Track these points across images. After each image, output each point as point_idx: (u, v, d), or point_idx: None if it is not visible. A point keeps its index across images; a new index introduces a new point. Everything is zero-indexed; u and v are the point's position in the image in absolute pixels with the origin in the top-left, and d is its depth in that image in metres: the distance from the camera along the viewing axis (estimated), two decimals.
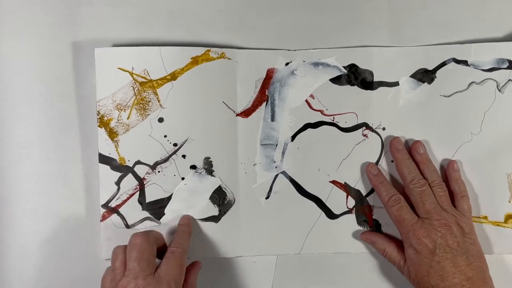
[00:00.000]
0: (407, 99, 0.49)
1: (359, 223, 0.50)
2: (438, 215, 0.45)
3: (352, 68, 0.49)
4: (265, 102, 0.49)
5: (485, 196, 0.49)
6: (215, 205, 0.49)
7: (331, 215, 0.50)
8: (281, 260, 0.50)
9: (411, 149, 0.49)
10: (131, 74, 0.48)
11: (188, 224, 0.48)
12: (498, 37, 0.49)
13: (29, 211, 0.49)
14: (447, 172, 0.49)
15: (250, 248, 0.50)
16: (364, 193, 0.50)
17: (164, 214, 0.49)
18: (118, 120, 0.48)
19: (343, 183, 0.50)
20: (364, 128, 0.49)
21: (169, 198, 0.49)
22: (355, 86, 0.49)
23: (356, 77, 0.49)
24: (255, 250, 0.50)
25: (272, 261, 0.50)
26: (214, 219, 0.49)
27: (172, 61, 0.48)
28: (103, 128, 0.48)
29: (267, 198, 0.50)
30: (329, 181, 0.50)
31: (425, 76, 0.49)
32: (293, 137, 0.49)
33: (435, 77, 0.49)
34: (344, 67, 0.49)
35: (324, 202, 0.50)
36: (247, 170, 0.50)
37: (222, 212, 0.49)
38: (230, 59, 0.49)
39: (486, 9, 0.49)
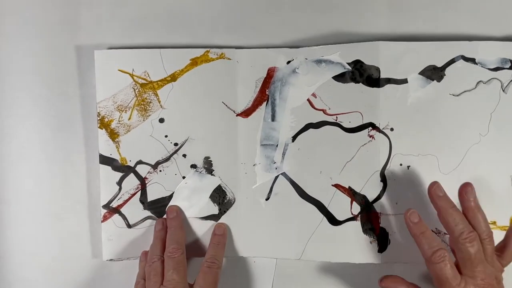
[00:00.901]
0: (416, 97, 0.46)
1: (364, 231, 0.47)
2: (483, 274, 0.40)
3: (357, 65, 0.46)
4: (265, 102, 0.48)
5: (493, 200, 0.46)
6: (215, 204, 0.49)
7: (333, 221, 0.47)
8: (281, 261, 0.49)
9: (459, 194, 0.43)
10: (132, 75, 0.48)
11: (224, 234, 0.48)
12: (498, 37, 0.47)
13: (29, 211, 0.50)
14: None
15: (249, 249, 0.49)
16: (370, 199, 0.47)
17: (165, 212, 0.49)
18: (119, 121, 0.48)
19: (347, 187, 0.47)
20: (370, 128, 0.47)
21: (170, 196, 0.49)
22: (360, 84, 0.46)
23: (361, 74, 0.46)
24: (254, 251, 0.49)
25: (272, 261, 0.49)
26: (214, 217, 0.49)
27: (172, 63, 0.48)
28: (103, 129, 0.48)
29: (267, 199, 0.48)
30: (332, 185, 0.47)
31: (434, 73, 0.46)
32: (294, 138, 0.48)
33: (444, 74, 0.46)
34: (348, 63, 0.46)
35: (326, 206, 0.47)
36: (247, 170, 0.48)
37: (222, 211, 0.49)
38: (230, 59, 0.48)
39: (486, 9, 0.47)
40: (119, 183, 0.49)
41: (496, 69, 0.46)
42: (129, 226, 0.49)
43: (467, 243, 0.41)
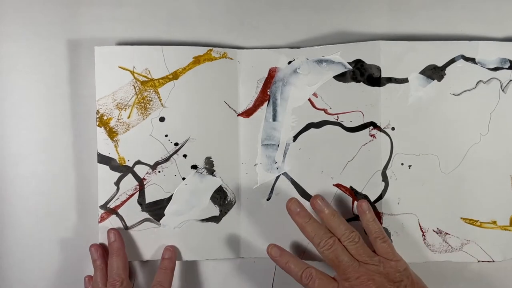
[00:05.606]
0: (416, 96, 0.47)
1: None
2: (356, 273, 0.41)
3: (358, 64, 0.47)
4: (266, 102, 0.48)
5: (494, 199, 0.46)
6: (216, 205, 0.48)
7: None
8: None
9: (312, 208, 0.45)
10: (132, 73, 0.48)
11: (171, 258, 0.47)
12: (498, 37, 0.48)
13: (29, 211, 0.49)
14: (359, 215, 0.45)
15: (250, 249, 0.48)
16: (372, 199, 0.47)
17: (164, 215, 0.48)
18: (118, 119, 0.48)
19: (348, 187, 0.47)
20: (371, 127, 0.47)
21: (169, 199, 0.48)
22: (361, 83, 0.47)
23: (362, 73, 0.47)
24: (256, 252, 0.48)
25: (272, 261, 0.48)
26: (215, 219, 0.48)
27: (174, 61, 0.47)
28: (102, 128, 0.47)
29: (268, 199, 0.48)
30: (333, 184, 0.47)
31: (434, 73, 0.47)
32: (295, 137, 0.47)
33: (445, 74, 0.47)
34: (349, 63, 0.47)
35: None
36: (248, 171, 0.48)
37: (223, 212, 0.48)
38: (232, 59, 0.48)
39: (486, 9, 0.48)
40: (117, 183, 0.48)
41: (496, 69, 0.46)
42: (126, 227, 0.48)
43: (325, 250, 0.42)
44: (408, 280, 0.41)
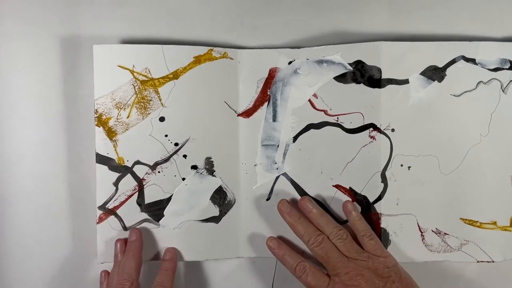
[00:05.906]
0: (417, 98, 0.46)
1: None
2: (346, 268, 0.42)
3: (358, 65, 0.47)
4: (266, 102, 0.48)
5: (494, 200, 0.47)
6: (215, 205, 0.48)
7: (334, 221, 0.47)
8: None
9: (300, 208, 0.46)
10: (132, 72, 0.47)
11: (172, 259, 0.47)
12: (498, 37, 0.48)
13: (29, 211, 0.49)
14: (345, 215, 0.46)
15: (250, 249, 0.48)
16: (371, 200, 0.47)
17: (163, 216, 0.48)
18: (117, 119, 0.47)
19: (347, 188, 0.47)
20: (371, 129, 0.47)
21: (169, 199, 0.48)
22: (361, 84, 0.47)
23: (362, 74, 0.47)
24: (255, 251, 0.48)
25: (272, 261, 0.49)
26: (215, 219, 0.48)
27: (175, 60, 0.47)
28: (101, 127, 0.47)
29: (267, 199, 0.48)
30: (333, 185, 0.47)
31: (435, 73, 0.46)
32: (295, 138, 0.47)
33: (445, 75, 0.46)
34: (349, 64, 0.47)
35: (327, 207, 0.47)
36: (248, 171, 0.48)
37: (222, 212, 0.48)
38: (232, 59, 0.48)
39: (486, 9, 0.48)
40: (116, 183, 0.47)
41: (496, 69, 0.46)
42: (125, 228, 0.47)
43: (315, 247, 0.44)
44: (397, 276, 0.42)
